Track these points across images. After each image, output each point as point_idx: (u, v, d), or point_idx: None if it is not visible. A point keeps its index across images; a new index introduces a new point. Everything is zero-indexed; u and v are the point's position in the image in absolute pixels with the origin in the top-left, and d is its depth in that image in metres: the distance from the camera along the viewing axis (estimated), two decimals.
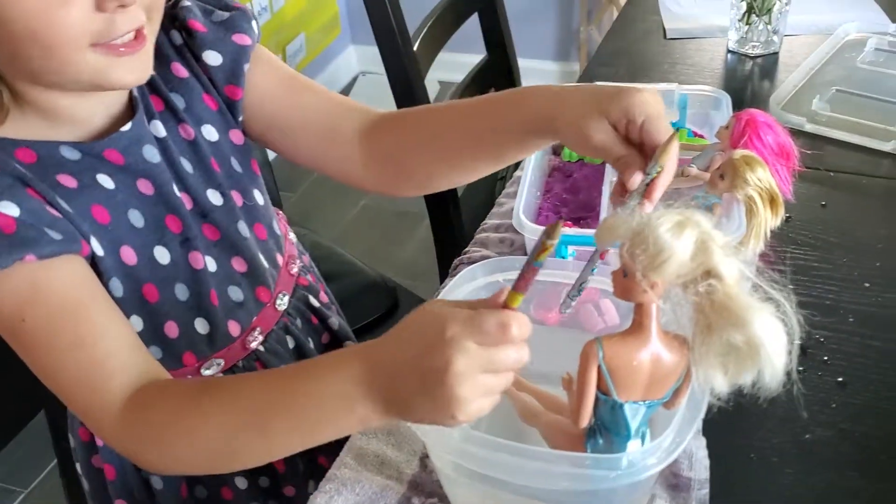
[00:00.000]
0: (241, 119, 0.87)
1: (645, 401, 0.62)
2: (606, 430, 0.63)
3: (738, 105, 1.14)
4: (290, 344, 0.91)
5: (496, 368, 0.58)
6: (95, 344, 0.70)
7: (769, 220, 0.92)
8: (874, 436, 0.80)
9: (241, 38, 0.85)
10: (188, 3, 0.85)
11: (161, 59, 0.83)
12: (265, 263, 0.88)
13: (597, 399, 0.62)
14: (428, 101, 1.56)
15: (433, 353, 0.57)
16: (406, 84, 1.52)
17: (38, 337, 0.70)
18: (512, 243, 1.07)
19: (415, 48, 1.53)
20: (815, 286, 0.96)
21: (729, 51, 1.45)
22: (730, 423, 0.73)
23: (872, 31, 1.42)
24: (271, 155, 2.28)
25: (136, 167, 0.78)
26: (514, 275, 0.82)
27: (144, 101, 0.81)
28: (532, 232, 0.94)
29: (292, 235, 0.97)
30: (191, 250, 0.81)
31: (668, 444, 0.63)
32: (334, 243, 1.64)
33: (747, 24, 1.40)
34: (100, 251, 0.75)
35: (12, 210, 0.68)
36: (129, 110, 0.80)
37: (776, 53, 1.43)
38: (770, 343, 0.57)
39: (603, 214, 1.00)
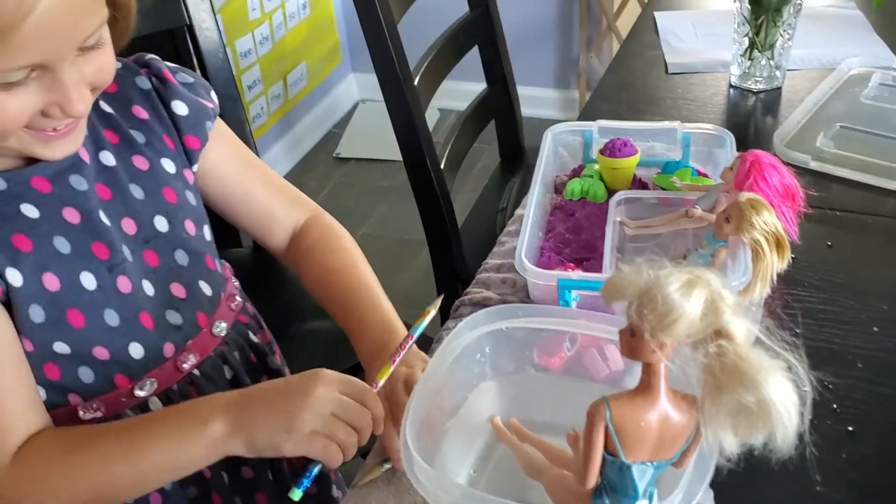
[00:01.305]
0: (195, 167, 0.93)
1: (653, 461, 0.60)
2: (613, 490, 0.62)
3: (741, 141, 1.13)
4: (228, 374, 0.93)
5: (345, 414, 0.75)
6: None
7: (775, 263, 0.91)
8: (882, 486, 0.78)
9: (204, 102, 0.93)
10: (156, 57, 0.92)
11: (122, 101, 0.89)
12: (207, 291, 0.91)
13: (603, 459, 0.60)
14: (427, 133, 1.55)
15: (301, 382, 0.76)
16: (406, 116, 1.52)
17: None
18: (514, 284, 1.06)
19: (415, 83, 1.53)
20: (823, 330, 0.94)
21: (731, 86, 1.44)
22: (739, 476, 0.71)
23: (876, 65, 1.41)
24: None
25: (63, 194, 0.80)
26: (518, 323, 0.82)
27: (94, 134, 0.84)
28: (535, 276, 0.92)
29: (236, 282, 1.00)
30: (118, 275, 0.83)
31: None
32: None
33: (749, 59, 1.39)
34: (17, 281, 0.76)
35: None
36: None
37: (779, 88, 1.42)
38: (781, 404, 0.56)
39: (606, 255, 0.99)
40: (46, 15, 0.66)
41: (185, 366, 0.88)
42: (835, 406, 0.86)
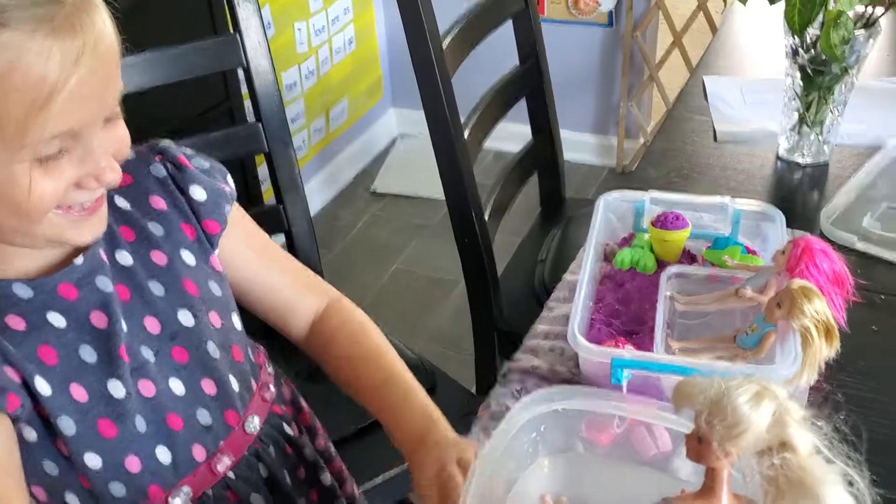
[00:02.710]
0: (217, 252, 0.91)
1: None
2: None
3: (788, 216, 1.14)
4: (264, 473, 0.91)
5: None
6: None
7: (824, 351, 0.93)
8: None
9: (221, 185, 0.91)
10: (171, 143, 0.90)
11: (138, 192, 0.87)
12: (236, 386, 0.88)
13: None
14: (475, 187, 1.58)
15: None
16: (456, 169, 1.54)
17: None
18: (563, 352, 1.07)
19: (465, 136, 1.56)
20: (870, 420, 0.94)
21: (778, 157, 1.46)
22: None
23: None
24: (312, 210, 2.28)
25: (90, 298, 0.79)
26: (574, 404, 0.84)
27: (110, 233, 0.83)
28: (588, 352, 0.94)
29: (270, 368, 0.98)
30: (139, 379, 0.81)
31: None
32: (368, 310, 1.65)
33: (798, 133, 1.41)
34: (47, 391, 0.76)
35: None
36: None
37: (826, 163, 1.43)
38: None
39: (657, 329, 1.00)
40: (84, 80, 0.68)
41: (219, 468, 0.86)
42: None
